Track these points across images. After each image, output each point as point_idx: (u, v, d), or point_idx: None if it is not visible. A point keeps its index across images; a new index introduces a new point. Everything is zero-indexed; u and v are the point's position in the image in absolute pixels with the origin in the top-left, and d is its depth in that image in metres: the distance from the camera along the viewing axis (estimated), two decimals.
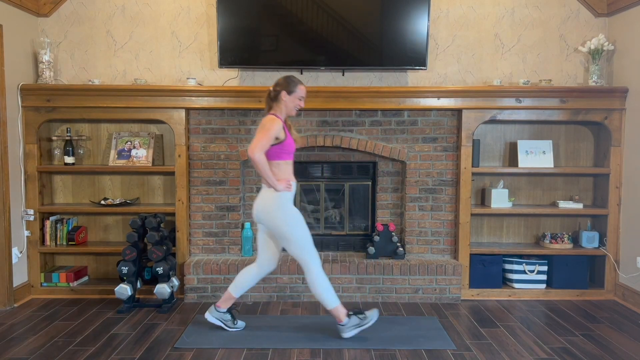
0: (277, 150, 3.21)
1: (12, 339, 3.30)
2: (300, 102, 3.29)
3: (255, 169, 3.15)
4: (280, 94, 3.23)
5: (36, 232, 4.14)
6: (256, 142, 3.10)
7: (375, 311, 3.37)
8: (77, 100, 4.05)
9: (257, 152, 3.08)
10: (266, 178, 3.16)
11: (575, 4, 4.26)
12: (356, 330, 3.30)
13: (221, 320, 3.43)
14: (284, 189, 3.20)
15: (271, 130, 3.13)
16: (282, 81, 3.26)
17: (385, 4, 4.01)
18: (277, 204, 3.22)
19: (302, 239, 3.24)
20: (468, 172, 4.14)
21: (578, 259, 4.19)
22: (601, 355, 3.11)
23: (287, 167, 3.28)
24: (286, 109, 3.26)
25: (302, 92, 3.28)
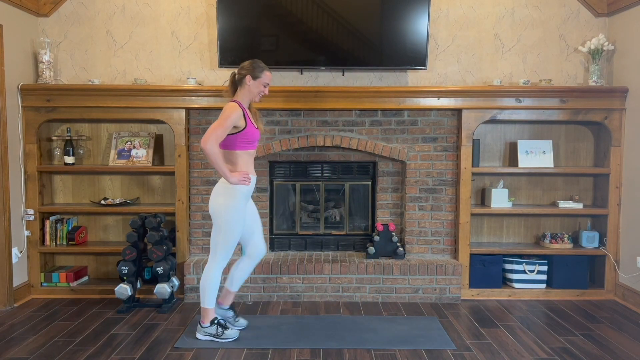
0: (236, 139, 3.09)
1: (12, 339, 3.30)
2: (265, 89, 3.19)
3: (208, 160, 2.99)
4: (245, 78, 3.13)
5: (36, 232, 4.14)
6: (210, 131, 2.96)
7: (237, 332, 3.31)
8: (77, 100, 4.05)
9: (209, 143, 2.93)
10: (219, 171, 3.02)
11: (575, 4, 4.26)
12: (208, 338, 3.26)
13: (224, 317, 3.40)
14: (237, 181, 3.07)
15: (229, 119, 3.00)
16: (248, 65, 3.15)
17: (385, 4, 4.01)
18: (227, 197, 3.10)
19: (229, 237, 3.15)
20: (468, 172, 4.14)
21: (578, 259, 4.19)
22: (601, 355, 3.11)
23: (247, 157, 3.16)
24: (250, 94, 3.16)
25: (267, 79, 3.17)
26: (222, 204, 3.12)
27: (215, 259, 3.22)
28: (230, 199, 3.12)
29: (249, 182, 3.14)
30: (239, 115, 3.06)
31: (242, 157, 3.15)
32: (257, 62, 3.19)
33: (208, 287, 3.22)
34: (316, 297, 4.07)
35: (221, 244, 3.19)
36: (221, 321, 3.29)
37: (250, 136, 3.14)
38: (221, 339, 3.25)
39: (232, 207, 3.13)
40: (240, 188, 3.12)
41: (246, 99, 3.19)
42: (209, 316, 3.27)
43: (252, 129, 3.15)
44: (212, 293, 3.24)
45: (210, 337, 3.27)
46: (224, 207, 3.12)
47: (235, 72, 3.20)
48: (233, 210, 3.13)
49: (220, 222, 3.15)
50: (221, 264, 3.23)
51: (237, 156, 3.13)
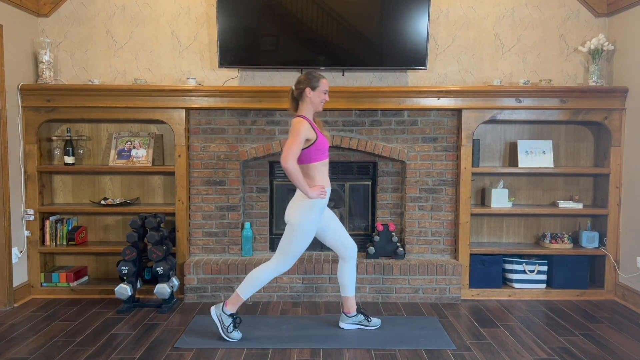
0: (310, 152, 3.15)
1: (12, 339, 3.30)
2: (325, 95, 3.23)
3: (289, 177, 3.08)
4: (304, 91, 3.18)
5: (36, 232, 4.14)
6: (287, 150, 3.03)
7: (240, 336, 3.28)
8: (77, 100, 4.05)
9: (290, 161, 3.01)
10: (299, 187, 3.11)
11: (575, 4, 4.26)
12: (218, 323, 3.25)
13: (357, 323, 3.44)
14: (317, 196, 3.14)
15: (300, 134, 3.06)
16: (304, 78, 3.20)
17: (385, 4, 4.01)
18: (305, 207, 3.17)
19: (297, 248, 3.22)
20: (468, 172, 4.14)
21: (578, 259, 4.19)
22: (601, 355, 3.11)
23: (323, 168, 3.23)
24: (312, 105, 3.20)
25: (325, 86, 3.22)
26: (301, 218, 3.19)
27: (277, 262, 3.26)
28: (308, 213, 3.19)
29: (325, 196, 3.22)
30: (307, 127, 3.12)
31: (318, 168, 3.21)
32: (312, 72, 3.24)
33: (254, 281, 3.24)
34: (316, 297, 4.07)
35: (285, 251, 3.24)
36: (237, 319, 3.29)
37: (322, 146, 3.21)
38: (224, 334, 3.25)
39: (309, 221, 3.20)
40: (318, 202, 3.18)
41: (310, 111, 3.23)
42: (235, 305, 3.26)
43: (323, 139, 3.22)
44: (253, 288, 3.26)
45: (220, 323, 3.26)
46: (301, 220, 3.19)
47: (293, 89, 3.25)
48: (309, 224, 3.21)
49: (294, 233, 3.20)
50: (278, 269, 3.26)
51: (313, 169, 3.20)
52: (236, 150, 4.19)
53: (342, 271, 3.43)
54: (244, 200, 4.31)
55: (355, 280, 3.48)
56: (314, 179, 3.19)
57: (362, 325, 3.46)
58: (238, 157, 4.19)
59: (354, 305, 3.46)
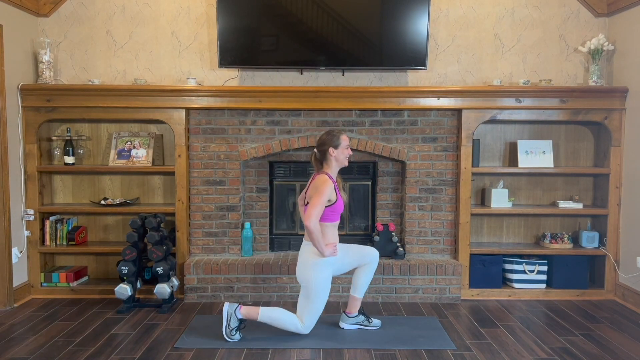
0: (327, 212, 3.20)
1: (12, 339, 3.30)
2: (348, 150, 3.27)
3: (309, 236, 3.13)
4: (327, 151, 3.21)
5: (36, 232, 4.14)
6: (311, 209, 3.08)
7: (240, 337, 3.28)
8: (77, 100, 4.05)
9: (313, 221, 3.07)
10: (317, 246, 3.16)
11: (575, 4, 4.26)
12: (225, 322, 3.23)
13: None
14: (330, 254, 3.20)
15: (325, 194, 3.11)
16: (325, 138, 3.24)
17: (385, 4, 4.01)
18: (317, 264, 3.21)
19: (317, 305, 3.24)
20: (468, 172, 4.14)
21: (578, 259, 4.19)
22: (601, 355, 3.10)
23: (334, 229, 3.29)
24: (337, 162, 3.25)
25: (347, 141, 3.26)
26: (313, 275, 3.22)
27: (301, 322, 3.27)
28: (321, 269, 3.23)
29: (337, 253, 3.27)
30: (332, 188, 3.17)
31: (330, 227, 3.26)
32: (331, 131, 3.29)
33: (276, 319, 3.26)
34: None
35: (307, 311, 3.26)
36: (242, 325, 3.29)
37: (339, 208, 3.26)
38: (226, 334, 3.25)
39: (323, 277, 3.23)
40: (329, 259, 3.23)
41: (335, 169, 3.28)
42: (248, 314, 3.25)
43: (341, 202, 3.26)
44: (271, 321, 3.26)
45: (227, 322, 3.24)
46: (315, 278, 3.22)
47: (315, 152, 3.29)
48: (323, 280, 3.24)
49: (310, 292, 3.23)
50: (301, 329, 3.28)
51: (326, 227, 3.24)
52: (236, 150, 4.19)
53: (359, 271, 3.45)
54: (244, 200, 4.31)
55: (368, 284, 3.48)
56: (326, 236, 3.24)
57: (363, 326, 3.47)
58: (238, 157, 4.19)
59: (357, 307, 3.47)
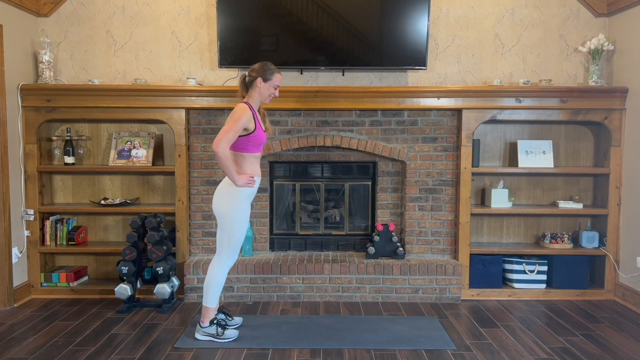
0: (244, 141, 3.12)
1: (12, 339, 3.30)
2: (276, 91, 3.22)
3: (219, 162, 3.06)
4: (256, 80, 3.16)
5: (36, 232, 4.14)
6: (222, 134, 3.01)
7: (237, 333, 3.31)
8: (77, 100, 4.05)
9: (221, 146, 2.99)
10: (227, 174, 3.08)
11: (575, 4, 4.26)
12: (208, 338, 3.25)
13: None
14: (244, 184, 3.12)
15: (240, 121, 3.04)
16: (259, 67, 3.18)
17: (385, 4, 4.01)
18: (232, 198, 3.14)
19: (234, 237, 3.19)
20: (468, 172, 4.14)
21: (578, 259, 4.19)
22: (601, 355, 3.11)
23: (253, 160, 3.20)
24: (260, 96, 3.20)
25: (278, 81, 3.21)
26: (227, 205, 3.16)
27: (221, 258, 3.24)
28: (234, 200, 3.16)
29: (253, 185, 3.19)
30: (249, 117, 3.09)
31: (249, 159, 3.19)
32: (268, 64, 3.21)
33: (212, 286, 3.24)
34: (316, 297, 4.07)
35: (227, 244, 3.21)
36: (221, 321, 3.30)
37: (258, 139, 3.18)
38: (221, 339, 3.25)
39: (237, 207, 3.17)
40: (244, 189, 3.15)
41: (257, 101, 3.22)
42: (209, 315, 3.27)
43: (260, 132, 3.19)
44: (215, 292, 3.26)
45: (210, 337, 3.27)
46: (228, 208, 3.16)
47: (245, 75, 3.23)
48: (238, 210, 3.17)
49: (225, 222, 3.18)
50: (227, 263, 3.25)
51: (243, 158, 3.17)
52: None
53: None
54: None
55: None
56: (243, 168, 3.17)
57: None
58: None
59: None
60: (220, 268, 3.24)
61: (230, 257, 3.25)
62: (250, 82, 3.19)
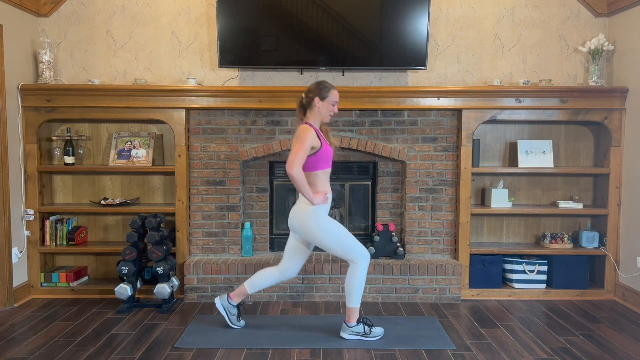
0: (314, 160, 3.17)
1: (12, 339, 3.30)
2: (334, 107, 3.25)
3: (293, 184, 3.10)
4: (313, 100, 3.19)
5: (36, 232, 4.14)
6: (293, 156, 3.06)
7: (382, 329, 3.36)
8: (77, 100, 4.05)
9: (295, 168, 3.04)
10: (304, 194, 3.13)
11: (575, 4, 4.26)
12: (356, 337, 3.29)
13: (227, 311, 3.43)
14: (320, 202, 3.17)
15: (306, 141, 3.08)
16: (314, 87, 3.22)
17: (385, 4, 4.01)
18: (312, 217, 3.19)
19: (341, 242, 3.23)
20: (468, 172, 4.14)
21: (578, 259, 4.19)
22: (601, 355, 3.11)
23: (325, 176, 3.25)
24: (320, 115, 3.23)
25: (335, 97, 3.23)
26: (316, 229, 3.21)
27: (355, 262, 3.25)
28: (318, 218, 3.21)
29: (327, 202, 3.24)
30: (313, 135, 3.13)
31: (320, 176, 3.23)
32: (323, 82, 3.25)
33: (354, 288, 3.25)
34: (316, 297, 4.07)
35: (345, 248, 3.24)
36: (368, 320, 3.32)
37: (326, 155, 3.22)
38: (369, 338, 3.28)
39: (322, 225, 3.22)
40: (321, 207, 3.21)
41: (317, 121, 3.25)
42: (355, 315, 3.29)
43: (327, 148, 3.23)
44: (359, 292, 3.28)
45: (358, 336, 3.28)
46: (318, 231, 3.21)
47: (302, 96, 3.26)
48: (323, 224, 3.22)
49: (326, 238, 3.22)
50: (363, 264, 3.25)
51: (315, 176, 3.22)
52: (236, 150, 4.19)
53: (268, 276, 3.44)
54: (244, 200, 4.31)
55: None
56: (316, 186, 3.21)
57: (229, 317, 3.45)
58: (238, 157, 4.19)
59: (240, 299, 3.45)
60: (358, 271, 3.25)
61: (362, 256, 3.25)
62: (308, 103, 3.22)
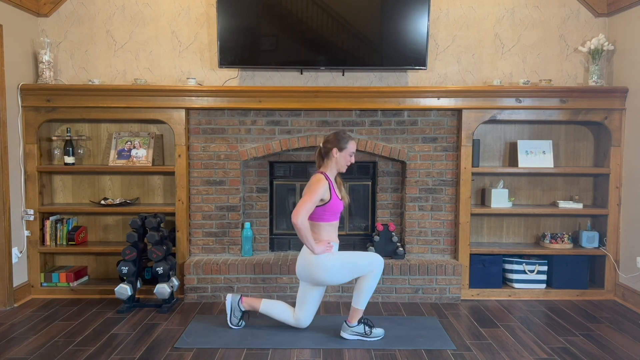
0: (321, 211, 3.18)
1: (12, 339, 3.30)
2: (352, 158, 3.26)
3: (297, 233, 3.12)
4: (331, 151, 3.21)
5: (36, 232, 4.14)
6: (300, 205, 3.07)
7: (382, 330, 3.36)
8: (77, 100, 4.05)
9: (300, 218, 3.05)
10: (306, 244, 3.15)
11: (575, 4, 4.26)
12: (356, 337, 3.29)
13: (233, 310, 3.44)
14: (322, 251, 3.18)
15: (317, 193, 3.10)
16: (333, 138, 3.23)
17: (385, 4, 4.01)
18: (315, 265, 3.20)
19: (354, 268, 3.23)
20: (468, 172, 4.14)
21: (578, 259, 4.19)
22: (601, 355, 3.11)
23: (330, 228, 3.26)
24: (337, 165, 3.25)
25: (353, 148, 3.25)
26: (323, 276, 3.22)
27: (366, 273, 3.24)
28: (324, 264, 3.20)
29: (331, 250, 3.24)
30: (325, 187, 3.15)
31: (325, 227, 3.25)
32: (341, 133, 3.27)
33: (365, 290, 3.25)
34: None
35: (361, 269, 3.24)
36: (369, 321, 3.32)
37: (335, 208, 3.23)
38: (370, 338, 3.28)
39: (331, 265, 3.21)
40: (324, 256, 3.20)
41: (333, 170, 3.27)
42: (358, 316, 3.29)
43: (337, 202, 3.24)
44: (368, 296, 3.28)
45: (359, 336, 3.28)
46: (325, 276, 3.22)
47: (321, 147, 3.28)
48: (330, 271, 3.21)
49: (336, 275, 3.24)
50: (377, 272, 3.25)
51: (320, 227, 3.23)
52: (236, 150, 4.19)
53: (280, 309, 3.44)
54: (244, 200, 4.31)
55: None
56: (320, 235, 3.23)
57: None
58: (238, 157, 4.19)
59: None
60: (377, 275, 3.26)
61: (378, 265, 3.26)
62: (327, 153, 3.24)
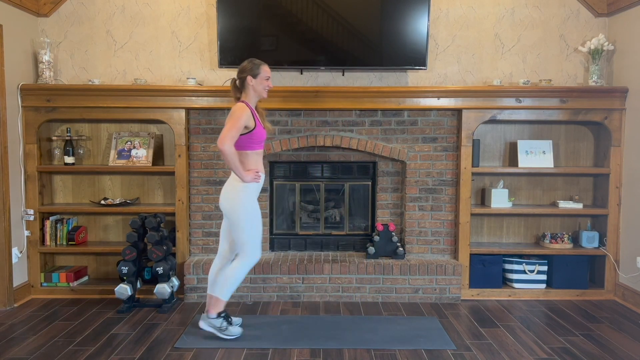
0: (246, 139, 3.17)
1: (12, 339, 3.30)
2: (268, 82, 3.26)
3: (224, 160, 3.12)
4: (246, 80, 3.21)
5: (36, 232, 4.14)
6: (225, 132, 3.07)
7: (240, 331, 3.31)
8: (77, 100, 4.05)
9: (226, 144, 3.04)
10: (234, 170, 3.13)
11: (575, 4, 4.26)
12: (211, 329, 3.27)
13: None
14: (251, 179, 3.18)
15: (240, 119, 3.09)
16: (246, 65, 3.23)
17: (385, 4, 4.01)
18: (241, 195, 3.19)
19: (250, 233, 3.22)
20: (468, 172, 4.14)
21: (578, 259, 4.19)
22: (601, 355, 3.11)
23: (256, 157, 3.26)
24: (255, 92, 3.24)
25: (267, 72, 3.25)
26: (238, 203, 3.20)
27: (245, 256, 3.26)
28: (244, 195, 3.21)
29: (259, 180, 3.25)
30: (248, 114, 3.14)
31: (252, 156, 3.23)
32: (252, 60, 3.26)
33: (231, 280, 3.25)
34: (316, 297, 4.07)
35: (247, 242, 3.24)
36: (229, 317, 3.32)
37: (259, 136, 3.23)
38: (223, 334, 3.26)
39: (248, 203, 3.22)
40: (250, 185, 3.20)
41: (253, 99, 3.27)
42: (218, 307, 3.28)
43: (260, 130, 3.24)
44: (232, 287, 3.28)
45: (214, 329, 3.28)
46: (240, 205, 3.20)
47: (235, 78, 3.28)
48: (249, 206, 3.22)
49: (239, 220, 3.22)
50: (251, 260, 3.27)
51: (247, 156, 3.22)
52: None
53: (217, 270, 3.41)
54: None
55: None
56: (247, 165, 3.21)
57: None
58: None
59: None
60: (243, 265, 3.26)
61: (254, 254, 3.27)
62: (242, 83, 3.24)
